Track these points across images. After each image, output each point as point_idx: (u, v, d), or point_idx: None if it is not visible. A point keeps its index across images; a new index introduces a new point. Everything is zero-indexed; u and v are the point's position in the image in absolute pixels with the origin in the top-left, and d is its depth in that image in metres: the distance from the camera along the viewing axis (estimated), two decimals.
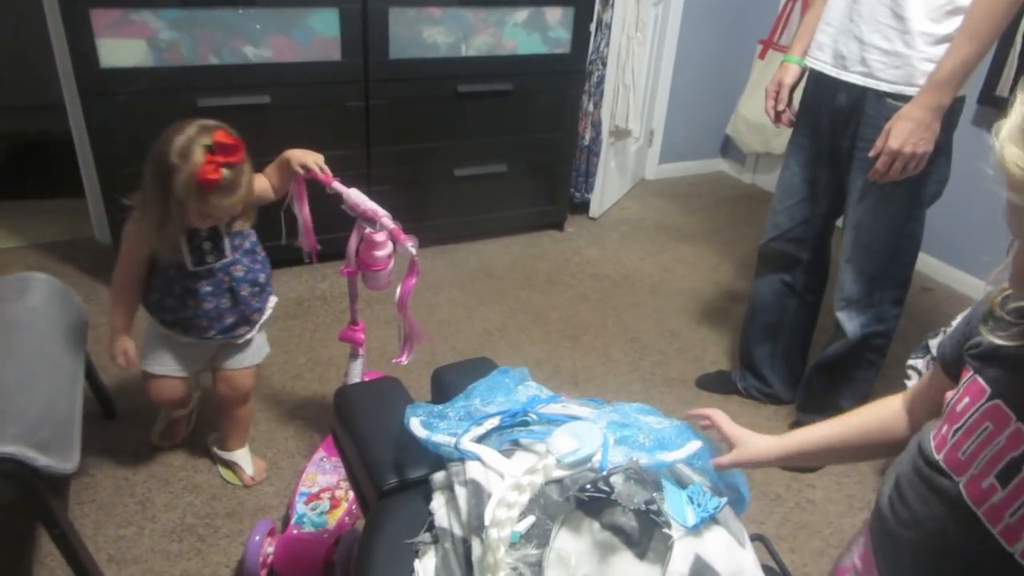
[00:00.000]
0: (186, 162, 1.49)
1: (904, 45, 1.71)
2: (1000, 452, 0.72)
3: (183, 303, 1.72)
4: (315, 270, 2.91)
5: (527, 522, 0.92)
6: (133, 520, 1.80)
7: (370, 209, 1.67)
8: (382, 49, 2.72)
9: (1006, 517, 0.70)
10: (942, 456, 0.78)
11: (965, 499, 0.74)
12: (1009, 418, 0.72)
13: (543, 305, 2.88)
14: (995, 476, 0.72)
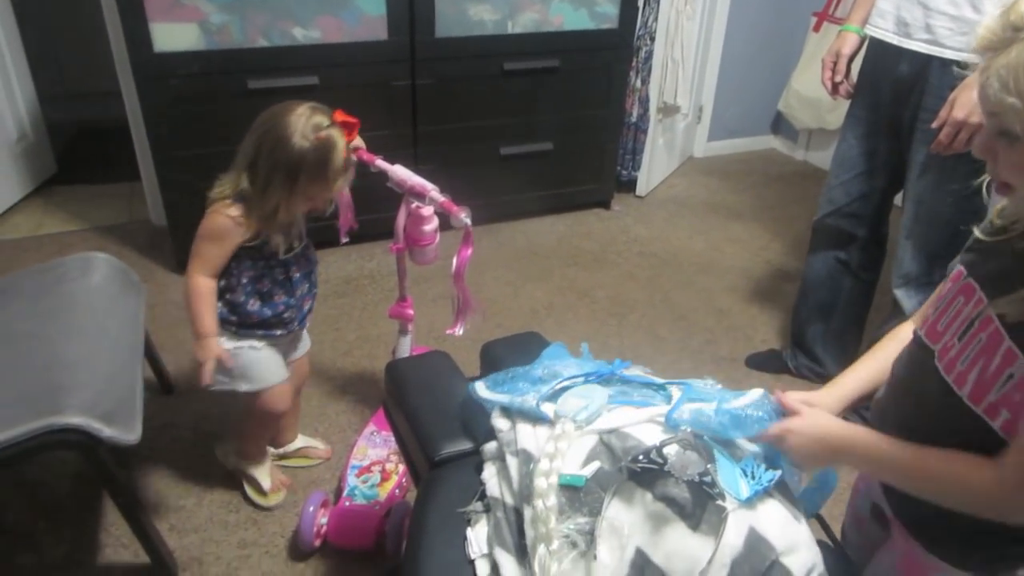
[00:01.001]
0: (330, 153, 1.48)
1: (972, 10, 1.64)
2: (963, 318, 0.89)
3: (271, 296, 1.63)
4: (363, 249, 2.94)
5: (592, 467, 0.93)
6: (192, 492, 1.86)
7: (418, 184, 1.67)
8: (428, 27, 2.72)
9: (958, 366, 0.87)
10: (924, 331, 0.95)
11: (935, 362, 0.91)
12: (974, 290, 0.88)
13: (590, 283, 2.86)
14: (956, 336, 0.89)
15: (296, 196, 1.51)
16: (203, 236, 1.53)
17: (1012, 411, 0.81)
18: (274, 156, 1.46)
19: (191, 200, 2.59)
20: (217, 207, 1.52)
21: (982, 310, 0.85)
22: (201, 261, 1.55)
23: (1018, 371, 0.80)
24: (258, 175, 1.48)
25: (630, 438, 0.96)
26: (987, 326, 0.84)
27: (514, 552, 0.95)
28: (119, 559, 1.68)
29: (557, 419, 1.01)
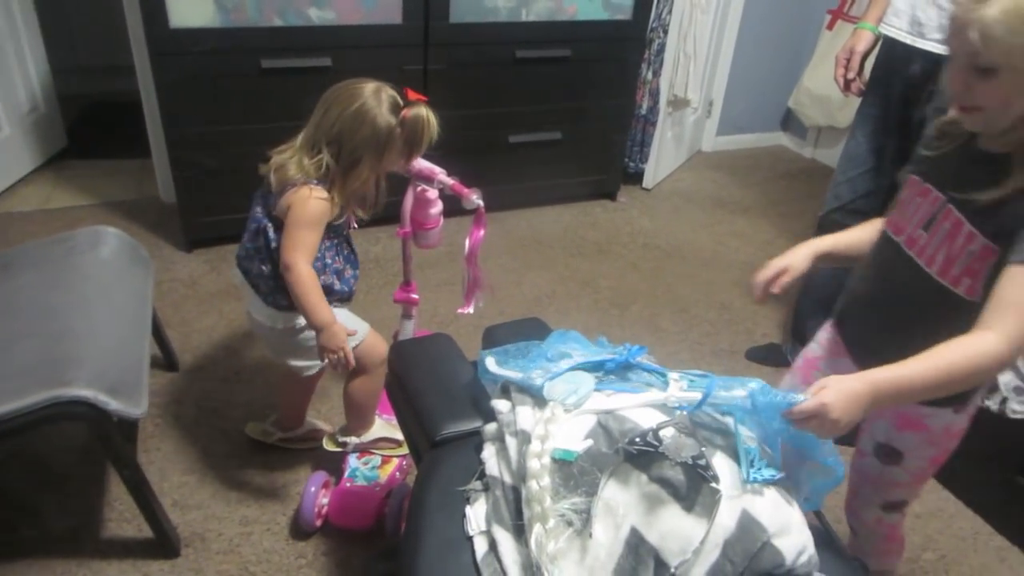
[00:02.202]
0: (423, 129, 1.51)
1: None
2: (925, 212, 1.11)
3: (343, 272, 1.65)
4: (368, 233, 2.95)
5: (586, 444, 0.95)
6: (195, 468, 1.88)
7: (426, 168, 1.68)
8: (443, 12, 2.73)
9: (927, 251, 1.10)
10: (890, 228, 1.18)
11: (904, 249, 1.14)
12: (929, 191, 1.11)
13: (593, 273, 2.88)
14: (922, 228, 1.11)
15: (380, 171, 1.55)
16: (304, 223, 1.49)
17: (972, 277, 1.05)
18: (361, 133, 1.48)
19: (201, 178, 2.65)
20: (304, 191, 1.48)
21: (942, 205, 1.07)
22: (305, 249, 1.50)
23: (977, 247, 1.02)
24: (344, 153, 1.49)
25: (627, 420, 0.97)
26: (949, 216, 1.06)
27: (512, 530, 0.97)
28: (123, 534, 1.70)
29: (546, 403, 1.03)
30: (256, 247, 1.58)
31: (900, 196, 1.17)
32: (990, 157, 1.02)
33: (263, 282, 1.59)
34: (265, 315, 1.62)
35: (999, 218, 0.99)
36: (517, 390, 1.12)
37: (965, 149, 1.07)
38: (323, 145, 1.49)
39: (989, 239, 1.01)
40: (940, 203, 1.08)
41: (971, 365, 0.96)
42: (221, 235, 2.77)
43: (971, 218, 1.03)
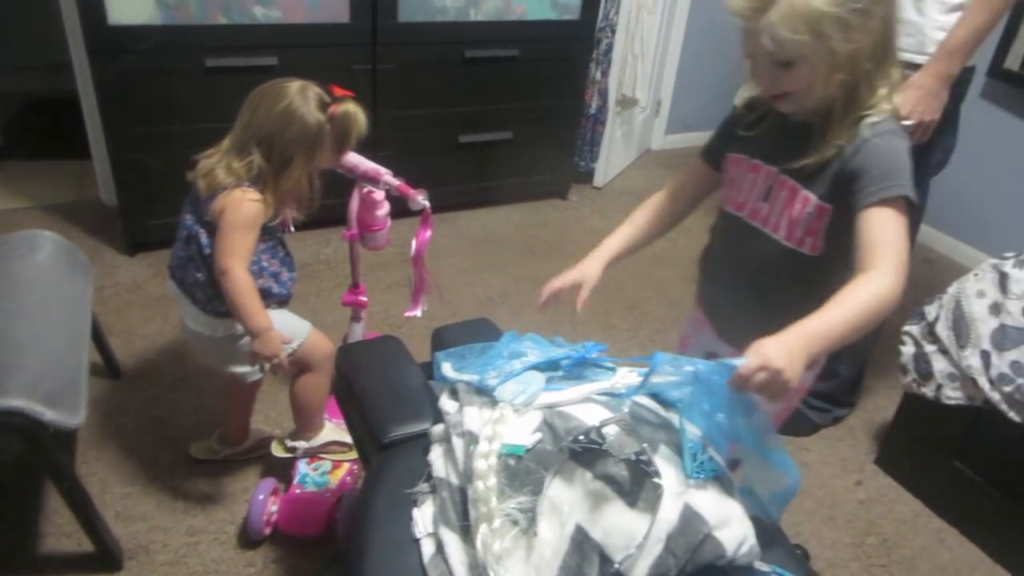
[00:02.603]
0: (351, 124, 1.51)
1: (917, 12, 1.69)
2: (760, 186, 1.22)
3: (279, 275, 1.62)
4: (318, 235, 2.92)
5: (534, 439, 0.96)
6: (139, 478, 1.83)
7: (371, 168, 1.67)
8: (391, 11, 2.71)
9: (771, 219, 1.21)
10: (731, 206, 1.28)
11: (749, 221, 1.25)
12: (760, 166, 1.21)
13: (545, 272, 2.82)
14: (761, 200, 1.22)
15: (312, 169, 1.54)
16: (239, 226, 1.46)
17: (814, 236, 1.18)
18: (290, 132, 1.47)
19: (144, 179, 2.58)
20: (237, 194, 1.46)
21: (775, 176, 1.19)
22: (241, 253, 1.47)
23: (812, 208, 1.15)
24: (274, 152, 1.48)
25: (572, 418, 0.98)
26: (784, 185, 1.18)
27: (458, 531, 0.97)
28: (61, 548, 1.65)
29: (496, 403, 1.03)
30: (189, 255, 1.55)
31: (728, 176, 1.28)
32: (800, 129, 1.14)
33: (199, 290, 1.56)
34: (203, 324, 1.59)
35: (825, 178, 1.13)
36: (465, 390, 1.12)
37: (779, 124, 1.19)
38: (252, 146, 1.48)
39: (822, 199, 1.14)
40: (773, 175, 1.20)
41: (878, 302, 1.03)
42: (165, 238, 2.68)
43: (803, 183, 1.16)
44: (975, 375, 1.64)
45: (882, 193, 1.07)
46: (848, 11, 1.02)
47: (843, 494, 1.97)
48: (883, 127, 1.11)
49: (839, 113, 1.10)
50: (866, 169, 1.09)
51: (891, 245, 1.05)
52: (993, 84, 2.95)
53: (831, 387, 2.13)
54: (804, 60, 1.05)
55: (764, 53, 1.06)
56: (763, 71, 1.10)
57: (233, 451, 1.89)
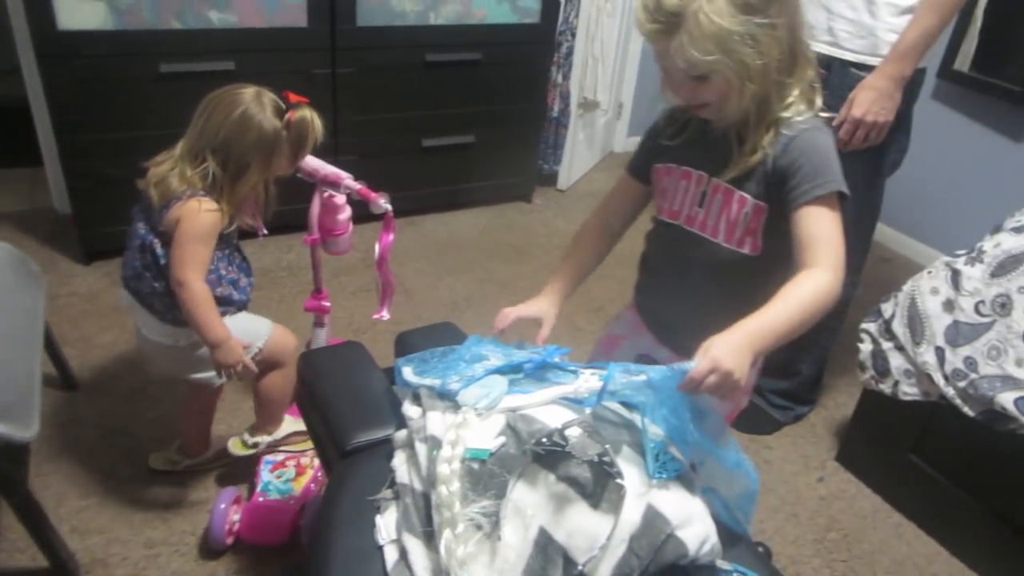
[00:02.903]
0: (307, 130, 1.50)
1: (869, 15, 1.73)
2: (694, 192, 1.23)
3: (237, 281, 1.61)
4: (281, 241, 2.89)
5: (498, 442, 0.96)
6: (96, 491, 1.79)
7: (331, 172, 1.66)
8: (349, 15, 2.69)
9: (709, 224, 1.23)
10: (665, 215, 1.29)
11: (687, 228, 1.26)
12: (691, 173, 1.23)
13: (510, 275, 2.89)
14: (697, 206, 1.24)
15: (269, 176, 1.53)
16: (196, 238, 1.45)
17: (752, 236, 1.20)
18: (247, 139, 1.45)
19: (98, 186, 2.53)
20: (193, 204, 1.44)
21: (708, 181, 1.21)
22: (198, 264, 1.46)
23: (749, 208, 1.17)
24: (231, 161, 1.46)
25: (535, 421, 0.98)
26: (718, 189, 1.20)
27: (422, 537, 0.96)
28: (14, 564, 1.61)
29: (459, 408, 1.03)
30: (144, 264, 1.52)
31: (660, 187, 1.29)
32: (724, 134, 1.18)
33: (157, 300, 1.53)
34: (164, 334, 1.56)
35: (757, 178, 1.16)
36: (428, 395, 1.11)
37: (702, 131, 1.22)
38: (207, 153, 1.46)
39: (757, 198, 1.17)
40: (705, 180, 1.22)
41: (818, 298, 1.07)
42: (121, 246, 2.61)
43: (736, 185, 1.18)
44: (930, 371, 1.67)
45: (815, 191, 1.10)
46: (754, 26, 1.04)
47: (805, 491, 1.99)
48: (805, 124, 1.14)
49: (754, 121, 1.13)
50: (797, 167, 1.12)
51: (827, 241, 1.10)
52: (944, 85, 3.03)
53: (793, 385, 2.16)
54: (717, 74, 1.08)
55: (679, 70, 1.09)
56: (679, 86, 1.13)
57: (194, 461, 1.85)
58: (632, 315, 1.48)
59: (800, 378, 2.15)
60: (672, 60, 1.07)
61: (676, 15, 1.03)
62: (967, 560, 1.81)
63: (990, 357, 1.57)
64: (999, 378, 1.55)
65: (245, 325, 1.62)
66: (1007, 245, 1.58)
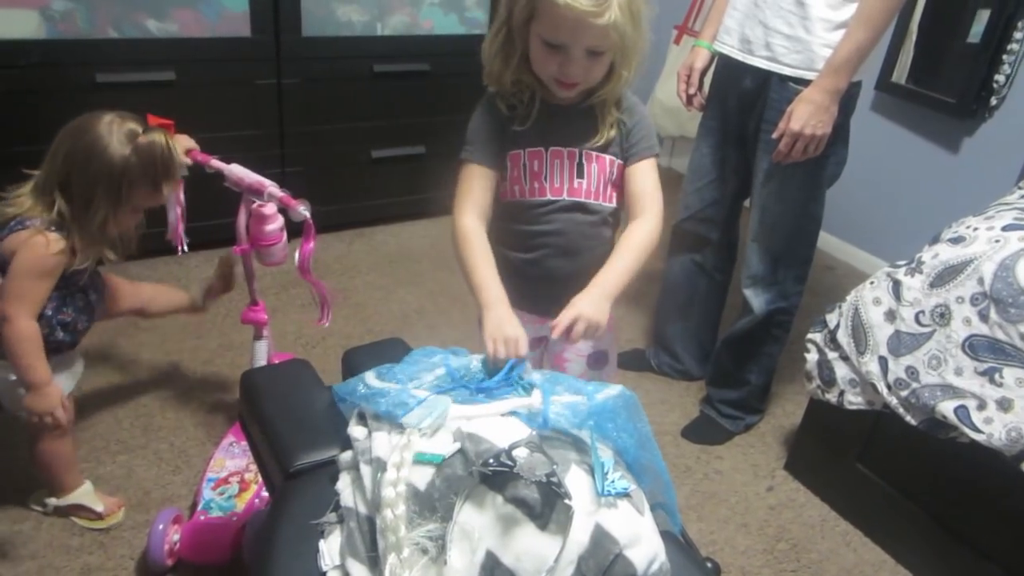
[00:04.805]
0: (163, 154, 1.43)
1: (804, 31, 1.76)
2: (570, 166, 1.36)
3: (75, 325, 1.56)
4: (219, 255, 2.82)
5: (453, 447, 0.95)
6: (29, 516, 1.72)
7: (255, 181, 1.63)
8: (294, 26, 2.65)
9: (593, 190, 1.38)
10: (548, 194, 1.37)
11: (572, 199, 1.37)
12: (562, 151, 1.35)
13: (462, 288, 2.80)
14: (578, 178, 1.36)
15: (123, 208, 1.44)
16: (30, 273, 1.39)
17: (616, 189, 1.41)
18: (91, 169, 1.39)
19: None
20: (40, 240, 1.39)
21: (579, 154, 1.35)
22: (28, 302, 1.40)
23: (616, 167, 1.38)
24: (75, 194, 1.40)
25: (483, 441, 0.96)
26: (591, 158, 1.36)
27: (366, 562, 0.93)
28: None
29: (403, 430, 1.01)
30: None
31: (529, 171, 1.37)
32: (580, 110, 1.34)
33: None
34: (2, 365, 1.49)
35: (616, 143, 1.37)
36: (374, 416, 1.09)
37: (549, 112, 1.34)
38: (55, 189, 1.40)
39: (619, 159, 1.38)
40: (577, 153, 1.36)
41: (649, 243, 1.34)
42: None
43: (603, 151, 1.37)
44: (874, 380, 1.70)
45: (647, 152, 1.38)
46: (647, 11, 1.24)
47: (755, 500, 2.01)
48: (633, 99, 1.39)
49: (613, 96, 1.33)
50: (635, 132, 1.37)
51: (652, 195, 1.37)
52: (881, 97, 3.11)
53: (742, 395, 2.19)
54: (609, 52, 1.23)
55: (586, 46, 1.21)
56: (574, 62, 1.23)
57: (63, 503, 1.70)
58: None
59: (749, 388, 2.17)
60: (587, 35, 1.18)
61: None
62: (912, 568, 1.83)
63: (931, 367, 1.60)
64: (939, 387, 1.59)
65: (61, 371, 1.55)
66: (945, 256, 1.62)
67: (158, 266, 2.74)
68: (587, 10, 1.15)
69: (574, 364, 1.56)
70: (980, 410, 1.54)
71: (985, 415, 1.54)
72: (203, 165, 1.69)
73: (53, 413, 1.46)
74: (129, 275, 2.64)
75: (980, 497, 1.68)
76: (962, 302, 1.56)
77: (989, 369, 1.53)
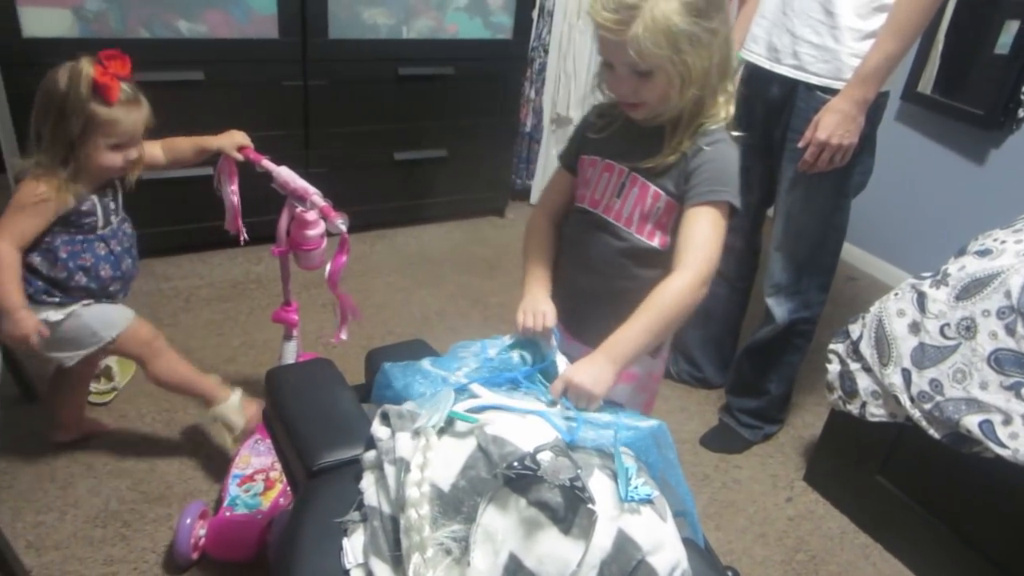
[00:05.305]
0: (78, 80, 1.47)
1: (833, 40, 1.76)
2: (614, 183, 1.29)
3: (97, 271, 1.63)
4: (250, 252, 2.85)
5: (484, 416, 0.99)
6: (54, 506, 1.75)
7: (300, 187, 1.65)
8: (321, 28, 2.68)
9: (624, 213, 1.29)
10: (587, 203, 1.34)
11: (604, 216, 1.31)
12: (613, 165, 1.29)
13: (483, 290, 2.88)
14: (615, 196, 1.29)
15: (87, 142, 1.51)
16: (14, 207, 1.51)
17: (662, 230, 1.27)
18: (40, 108, 1.50)
19: None
20: (29, 181, 1.51)
21: (627, 174, 1.27)
22: (9, 232, 1.51)
23: (662, 203, 1.25)
24: (43, 135, 1.51)
25: (507, 444, 0.97)
26: (635, 182, 1.26)
27: (390, 561, 0.94)
28: None
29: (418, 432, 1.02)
30: None
31: (584, 177, 1.35)
32: (649, 132, 1.25)
33: None
34: None
35: (672, 177, 1.24)
36: (397, 415, 1.10)
37: (628, 127, 1.28)
38: (36, 139, 1.52)
39: (670, 196, 1.24)
40: (625, 173, 1.28)
41: (676, 302, 1.18)
42: None
43: (653, 180, 1.25)
44: (897, 392, 1.69)
45: (708, 196, 1.20)
46: (701, 29, 1.12)
47: (773, 511, 2.00)
48: (718, 135, 1.22)
49: (685, 121, 1.21)
50: (699, 172, 1.21)
51: (698, 246, 1.20)
52: (907, 107, 3.09)
53: (761, 404, 2.18)
54: (662, 72, 1.14)
55: (625, 63, 1.15)
56: (622, 80, 1.18)
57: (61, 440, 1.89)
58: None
59: (769, 397, 2.17)
60: (622, 52, 1.12)
61: (633, 7, 1.09)
62: None
63: (955, 380, 1.59)
64: (964, 401, 1.57)
65: (99, 315, 1.65)
66: (971, 268, 1.61)
67: (182, 263, 2.78)
68: (608, 26, 1.13)
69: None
70: (1005, 425, 1.53)
71: (1010, 430, 1.52)
72: (254, 164, 1.72)
73: (28, 337, 1.52)
74: (155, 273, 2.70)
75: (1003, 512, 1.67)
76: (988, 315, 1.55)
77: (1015, 384, 1.52)
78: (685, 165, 1.22)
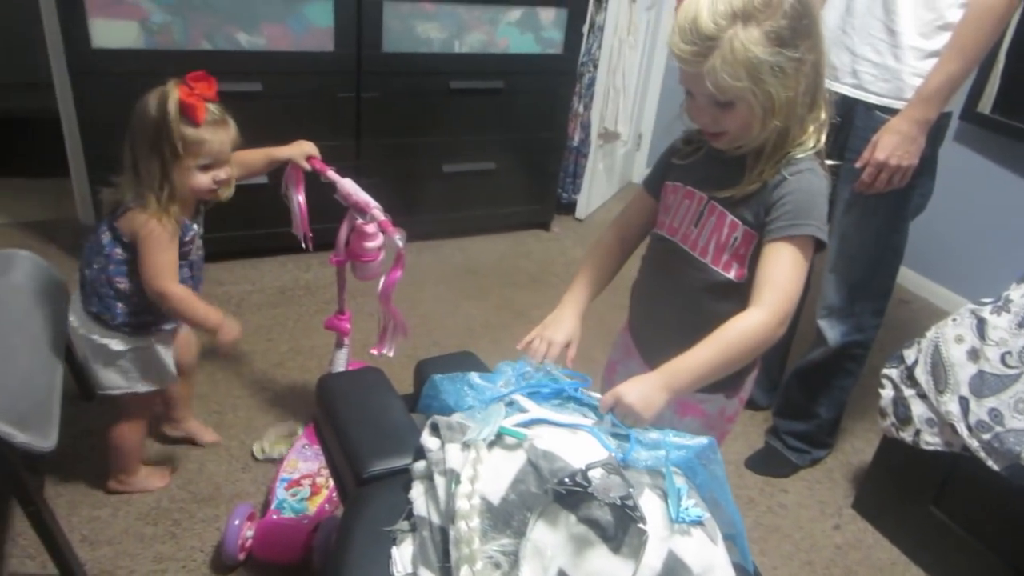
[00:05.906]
0: (166, 103, 1.49)
1: (894, 59, 1.73)
2: (693, 212, 1.26)
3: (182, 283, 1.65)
4: (300, 260, 2.90)
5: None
6: (108, 502, 1.79)
7: (362, 200, 1.68)
8: (375, 42, 2.72)
9: (700, 243, 1.25)
10: (665, 231, 1.31)
11: (681, 245, 1.28)
12: (693, 193, 1.26)
13: (527, 303, 2.88)
14: (693, 225, 1.26)
15: (178, 165, 1.52)
16: (155, 247, 1.54)
17: (739, 263, 1.22)
18: (134, 133, 1.52)
19: None
20: (140, 217, 1.53)
21: (706, 202, 1.24)
22: (169, 271, 1.56)
23: (740, 234, 1.20)
24: (137, 163, 1.53)
25: (557, 459, 0.97)
26: (713, 211, 1.23)
27: (438, 572, 0.95)
28: (24, 570, 1.61)
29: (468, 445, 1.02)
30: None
31: (664, 203, 1.33)
32: (732, 160, 1.20)
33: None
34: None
35: (752, 207, 1.19)
36: (447, 427, 1.10)
37: (713, 155, 1.24)
38: (132, 167, 1.54)
39: (748, 226, 1.19)
40: (704, 201, 1.24)
41: (745, 340, 1.12)
42: None
43: (731, 210, 1.21)
44: (954, 421, 1.65)
45: (789, 230, 1.14)
46: (785, 59, 1.08)
47: (820, 538, 1.96)
48: (804, 165, 1.16)
49: (769, 151, 1.16)
50: (781, 204, 1.15)
51: (776, 283, 1.13)
52: (966, 128, 3.02)
53: (810, 428, 2.14)
54: (743, 102, 1.10)
55: (705, 95, 1.11)
56: (703, 110, 1.15)
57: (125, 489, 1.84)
58: (625, 337, 1.50)
59: (818, 421, 2.13)
60: (700, 84, 1.09)
61: (712, 39, 1.06)
62: None
63: (1017, 410, 1.54)
64: None
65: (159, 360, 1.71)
66: None
67: (235, 268, 2.84)
68: (685, 58, 1.09)
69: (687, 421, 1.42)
70: None
71: None
72: (320, 174, 1.76)
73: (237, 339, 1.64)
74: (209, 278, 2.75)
75: None
76: None
77: None
78: (767, 195, 1.17)
